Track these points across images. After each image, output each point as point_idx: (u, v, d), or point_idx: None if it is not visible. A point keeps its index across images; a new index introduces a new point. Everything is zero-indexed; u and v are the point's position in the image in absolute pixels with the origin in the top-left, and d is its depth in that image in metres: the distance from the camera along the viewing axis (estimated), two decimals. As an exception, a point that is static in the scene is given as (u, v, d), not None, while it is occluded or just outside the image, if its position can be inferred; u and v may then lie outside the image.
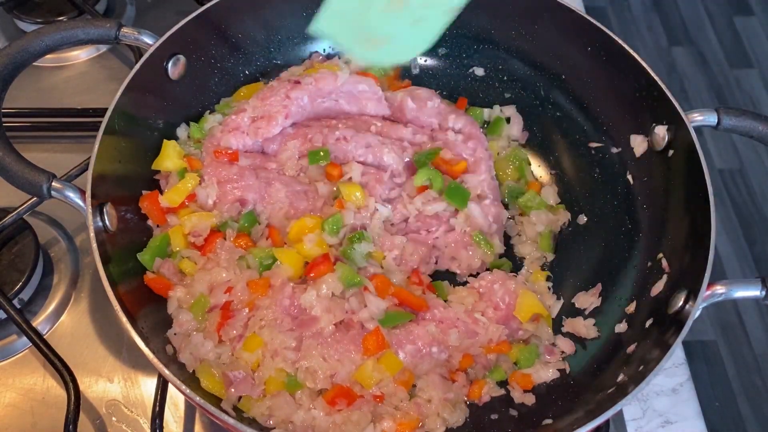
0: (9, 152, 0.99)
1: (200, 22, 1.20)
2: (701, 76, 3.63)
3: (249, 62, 1.31)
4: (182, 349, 1.01)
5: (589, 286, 1.17)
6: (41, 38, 1.07)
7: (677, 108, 1.11)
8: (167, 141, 1.18)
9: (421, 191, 1.20)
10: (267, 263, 1.09)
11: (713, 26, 3.82)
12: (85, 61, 1.52)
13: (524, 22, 1.32)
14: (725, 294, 0.97)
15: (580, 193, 1.27)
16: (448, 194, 1.18)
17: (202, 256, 1.10)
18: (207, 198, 1.14)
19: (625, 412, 1.15)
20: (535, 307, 1.11)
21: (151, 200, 1.13)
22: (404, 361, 1.04)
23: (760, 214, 3.18)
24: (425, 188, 1.20)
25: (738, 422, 2.65)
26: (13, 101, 1.29)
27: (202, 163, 1.18)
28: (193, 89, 1.25)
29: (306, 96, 1.22)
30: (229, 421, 0.88)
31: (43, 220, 1.28)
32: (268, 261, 1.09)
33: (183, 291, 1.07)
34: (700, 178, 1.05)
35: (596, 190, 1.26)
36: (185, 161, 1.17)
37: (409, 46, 1.10)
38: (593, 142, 1.27)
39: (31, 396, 1.12)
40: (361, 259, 1.11)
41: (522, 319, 1.10)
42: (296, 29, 1.33)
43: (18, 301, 1.17)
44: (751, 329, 2.87)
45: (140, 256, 1.08)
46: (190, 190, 1.14)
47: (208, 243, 1.11)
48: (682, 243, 1.08)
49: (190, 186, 1.14)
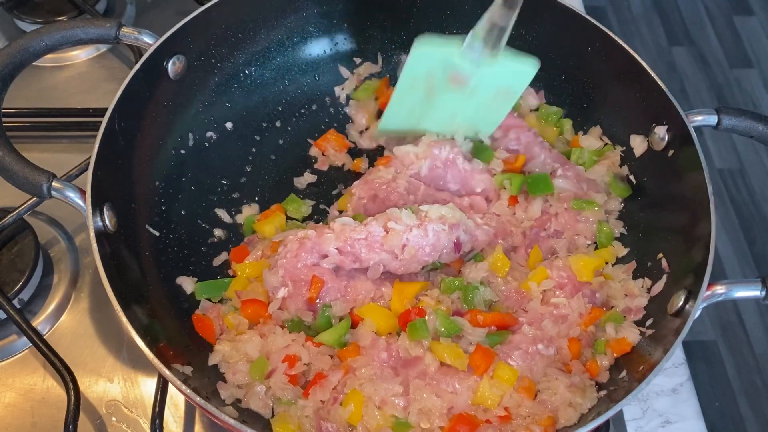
0: (9, 152, 0.99)
1: (200, 22, 1.19)
2: (701, 76, 3.63)
3: (249, 62, 1.31)
4: (249, 397, 1.01)
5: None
6: (41, 38, 1.07)
7: (677, 108, 1.11)
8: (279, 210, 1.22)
9: (513, 203, 1.20)
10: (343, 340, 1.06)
11: (713, 26, 3.82)
12: (85, 61, 1.52)
13: (524, 22, 1.31)
14: (725, 294, 0.97)
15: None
16: (532, 189, 1.19)
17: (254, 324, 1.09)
18: (275, 291, 1.09)
19: (625, 412, 1.15)
20: (591, 263, 1.12)
21: (202, 323, 1.11)
22: (518, 367, 1.02)
23: (760, 214, 3.18)
24: (515, 200, 1.20)
25: (738, 422, 2.65)
26: (13, 101, 1.29)
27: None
28: (193, 89, 1.25)
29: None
30: (230, 421, 0.88)
31: (43, 220, 1.28)
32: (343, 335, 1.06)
33: (229, 347, 1.05)
34: (700, 179, 1.05)
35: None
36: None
37: (474, 127, 1.23)
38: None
39: (31, 396, 1.12)
40: (481, 302, 1.09)
41: (588, 279, 1.11)
42: (296, 29, 1.33)
43: (18, 301, 1.16)
44: (751, 329, 2.87)
45: (197, 286, 1.13)
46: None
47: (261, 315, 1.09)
48: (682, 243, 1.08)
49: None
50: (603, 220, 1.19)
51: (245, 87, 1.32)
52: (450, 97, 1.18)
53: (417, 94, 1.18)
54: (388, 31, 1.37)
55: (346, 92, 1.38)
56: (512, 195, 1.20)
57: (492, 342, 1.04)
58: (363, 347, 1.04)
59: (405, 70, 1.16)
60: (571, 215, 1.18)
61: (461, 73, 1.14)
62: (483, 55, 1.11)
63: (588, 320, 1.08)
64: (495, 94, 1.18)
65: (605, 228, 1.18)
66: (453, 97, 1.18)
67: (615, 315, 1.09)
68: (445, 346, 1.02)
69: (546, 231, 1.18)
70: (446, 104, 1.19)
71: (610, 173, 1.23)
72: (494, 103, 1.20)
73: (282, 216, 1.22)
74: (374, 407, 0.98)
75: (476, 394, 0.99)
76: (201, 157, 1.27)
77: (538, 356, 1.04)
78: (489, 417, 0.98)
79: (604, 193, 1.21)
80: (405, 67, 1.16)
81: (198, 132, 1.27)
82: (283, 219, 1.21)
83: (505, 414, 0.98)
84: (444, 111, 1.20)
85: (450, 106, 1.19)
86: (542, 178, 1.19)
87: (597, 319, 1.08)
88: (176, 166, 1.23)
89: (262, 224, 1.20)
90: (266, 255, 1.15)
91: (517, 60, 1.15)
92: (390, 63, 1.39)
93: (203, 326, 1.09)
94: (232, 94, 1.31)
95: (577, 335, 1.07)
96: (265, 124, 1.33)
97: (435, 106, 1.20)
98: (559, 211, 1.18)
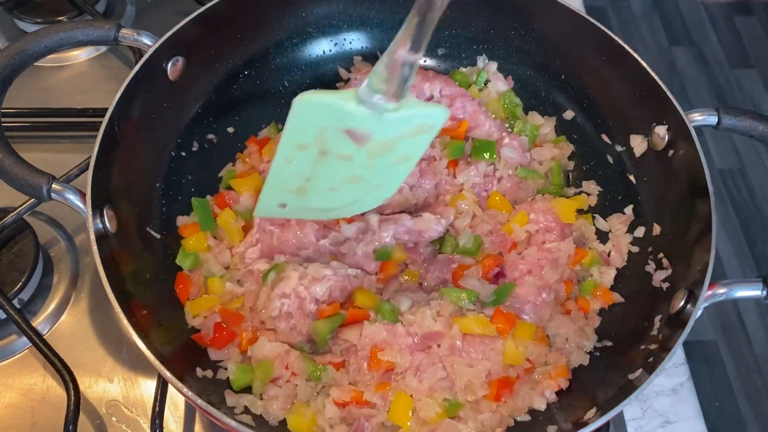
0: (9, 154, 0.98)
1: (200, 22, 1.19)
2: (701, 76, 3.63)
3: (248, 63, 1.31)
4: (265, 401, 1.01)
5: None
6: (40, 40, 1.07)
7: (677, 108, 1.11)
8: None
9: (454, 166, 1.24)
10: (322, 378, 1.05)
11: (713, 26, 3.82)
12: (85, 61, 1.52)
13: (524, 22, 1.31)
14: (726, 294, 0.97)
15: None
16: (476, 153, 1.22)
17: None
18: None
19: (625, 412, 1.15)
20: (573, 205, 1.19)
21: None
22: (532, 321, 1.09)
23: (760, 214, 3.18)
24: (456, 162, 1.23)
25: (738, 422, 2.65)
26: (13, 101, 1.29)
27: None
28: (193, 90, 1.25)
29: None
30: (230, 423, 0.88)
31: (43, 220, 1.28)
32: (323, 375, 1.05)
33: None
34: (701, 179, 1.05)
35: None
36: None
37: (369, 203, 1.08)
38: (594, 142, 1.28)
39: (31, 396, 1.12)
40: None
41: (572, 221, 1.18)
42: (296, 29, 1.33)
43: (18, 301, 1.17)
44: (752, 329, 2.87)
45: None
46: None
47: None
48: (682, 243, 1.08)
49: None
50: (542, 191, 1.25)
51: (245, 88, 1.32)
52: (344, 164, 0.95)
53: (303, 163, 0.94)
54: (388, 32, 1.37)
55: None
56: (450, 159, 1.24)
57: (500, 296, 1.10)
58: (384, 341, 1.04)
59: (285, 135, 0.91)
60: (514, 182, 1.23)
61: (359, 128, 0.89)
62: (386, 101, 0.86)
63: (575, 260, 1.16)
64: (401, 147, 0.94)
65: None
66: (348, 164, 0.95)
67: (595, 257, 1.17)
68: (472, 319, 1.05)
69: (487, 192, 1.23)
70: (342, 171, 0.96)
71: (556, 162, 1.27)
72: (397, 162, 0.98)
73: (259, 180, 1.22)
74: (426, 398, 1.00)
75: (505, 355, 1.04)
76: (201, 158, 1.26)
77: (544, 305, 1.10)
78: (518, 372, 1.05)
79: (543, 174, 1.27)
80: (285, 131, 0.91)
81: (198, 133, 1.27)
82: (260, 182, 1.21)
83: (530, 366, 1.06)
84: (338, 180, 0.98)
85: (346, 173, 0.97)
86: (488, 145, 1.23)
87: (582, 258, 1.17)
88: (176, 167, 1.23)
89: (239, 182, 1.21)
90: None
91: (424, 105, 0.99)
92: (390, 63, 1.39)
93: (184, 288, 1.11)
94: (232, 95, 1.30)
95: (567, 276, 1.15)
96: (264, 125, 1.33)
97: (327, 176, 0.97)
98: (503, 176, 1.23)
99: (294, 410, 1.00)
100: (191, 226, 1.18)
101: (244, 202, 1.20)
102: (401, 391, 1.01)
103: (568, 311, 1.13)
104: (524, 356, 1.05)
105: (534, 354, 1.06)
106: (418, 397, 1.01)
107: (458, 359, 1.03)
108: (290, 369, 1.03)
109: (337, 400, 1.01)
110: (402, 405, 1.00)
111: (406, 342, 1.04)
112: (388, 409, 1.00)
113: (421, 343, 1.04)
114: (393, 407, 1.00)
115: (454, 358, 1.03)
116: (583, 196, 1.25)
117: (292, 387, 1.03)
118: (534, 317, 1.10)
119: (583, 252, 1.17)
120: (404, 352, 1.03)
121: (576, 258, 1.16)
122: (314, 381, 1.04)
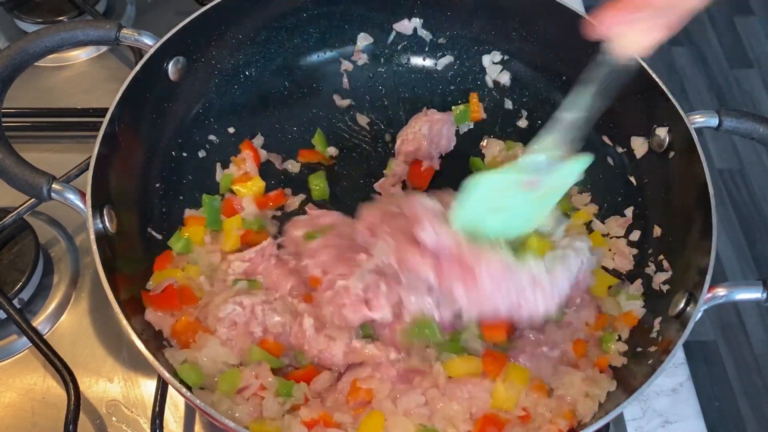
0: (9, 154, 0.98)
1: (200, 23, 1.19)
2: (701, 76, 3.63)
3: (249, 63, 1.31)
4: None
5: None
6: (41, 40, 1.07)
7: (678, 109, 1.11)
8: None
9: None
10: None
11: (713, 26, 3.81)
12: (85, 61, 1.51)
13: (524, 23, 1.31)
14: (726, 296, 0.97)
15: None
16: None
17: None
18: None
19: (625, 412, 1.15)
20: (607, 281, 1.13)
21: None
22: (528, 367, 1.02)
23: (761, 214, 3.18)
24: None
25: (738, 422, 2.65)
26: (13, 101, 1.29)
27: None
28: (194, 91, 1.25)
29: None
30: (229, 424, 0.88)
31: (43, 220, 1.28)
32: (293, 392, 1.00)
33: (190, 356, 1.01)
34: (702, 180, 1.05)
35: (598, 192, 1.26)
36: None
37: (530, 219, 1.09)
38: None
39: (31, 396, 1.12)
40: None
41: (602, 296, 1.11)
42: (297, 30, 1.33)
43: (18, 301, 1.16)
44: (751, 329, 2.87)
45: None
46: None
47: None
48: (683, 245, 1.08)
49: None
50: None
51: (246, 88, 1.31)
52: (518, 202, 1.04)
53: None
54: (388, 32, 1.37)
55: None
56: None
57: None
58: (368, 376, 1.01)
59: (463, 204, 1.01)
60: None
61: (532, 179, 1.01)
62: (555, 156, 0.99)
63: (595, 326, 1.09)
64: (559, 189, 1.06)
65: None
66: (521, 201, 1.04)
67: (619, 288, 1.12)
68: (458, 360, 1.00)
69: None
70: (515, 208, 1.05)
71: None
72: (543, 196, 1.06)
73: (261, 185, 1.23)
74: (400, 417, 0.96)
75: (494, 398, 0.98)
76: (201, 159, 1.27)
77: (544, 358, 1.04)
78: (510, 417, 0.98)
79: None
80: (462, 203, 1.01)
81: (198, 134, 1.27)
82: (262, 188, 1.23)
83: (525, 414, 0.98)
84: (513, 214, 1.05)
85: (519, 209, 1.05)
86: None
87: (604, 325, 1.09)
88: (177, 168, 1.23)
89: (242, 185, 1.22)
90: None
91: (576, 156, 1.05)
92: (391, 63, 1.39)
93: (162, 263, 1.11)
94: (233, 96, 1.30)
95: (583, 337, 1.08)
96: (265, 125, 1.33)
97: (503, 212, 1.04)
98: None
99: (259, 421, 0.95)
100: (197, 218, 1.18)
101: (247, 207, 1.20)
102: (375, 410, 0.96)
103: (578, 368, 1.04)
104: (516, 402, 0.98)
105: (529, 402, 0.98)
106: (391, 417, 0.96)
107: (440, 394, 0.98)
108: (260, 380, 0.98)
109: (305, 420, 0.95)
110: (373, 423, 0.95)
111: (390, 374, 1.01)
112: (358, 427, 0.95)
113: (405, 376, 1.01)
114: (363, 425, 0.95)
115: (434, 390, 0.98)
116: (586, 209, 1.23)
117: (259, 402, 0.97)
118: (530, 365, 1.02)
119: (603, 317, 1.10)
120: (385, 382, 1.00)
121: (598, 323, 1.09)
122: (283, 397, 0.98)
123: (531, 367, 1.02)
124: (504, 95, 1.37)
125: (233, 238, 1.15)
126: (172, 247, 1.14)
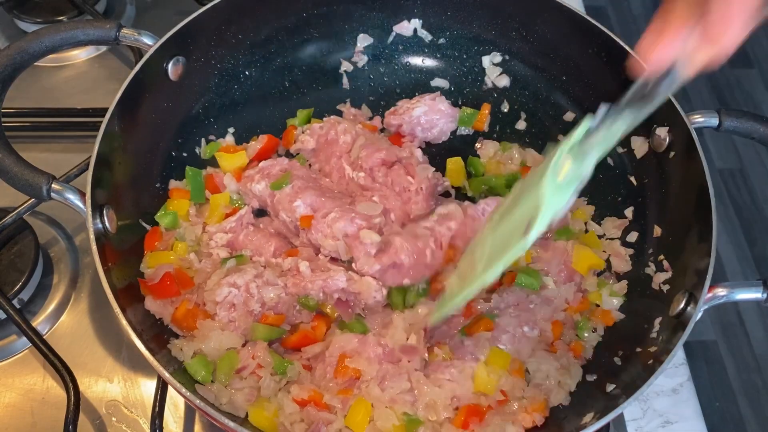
0: (9, 154, 0.98)
1: (200, 22, 1.19)
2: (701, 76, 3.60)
3: (249, 63, 1.31)
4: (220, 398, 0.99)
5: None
6: (41, 39, 1.07)
7: (678, 109, 1.11)
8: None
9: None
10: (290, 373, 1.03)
11: (713, 26, 3.81)
12: (85, 60, 1.52)
13: (524, 23, 1.31)
14: (726, 296, 0.97)
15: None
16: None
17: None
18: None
19: (625, 413, 1.15)
20: (591, 260, 1.15)
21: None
22: (507, 350, 1.06)
23: (761, 214, 3.18)
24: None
25: (738, 422, 2.65)
26: (13, 101, 1.29)
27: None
28: (193, 91, 1.25)
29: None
30: (229, 424, 0.88)
31: (43, 220, 1.28)
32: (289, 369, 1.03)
33: (186, 345, 1.03)
34: (702, 180, 1.05)
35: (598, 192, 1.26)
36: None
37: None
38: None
39: (31, 396, 1.12)
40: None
41: (583, 273, 1.14)
42: (297, 30, 1.33)
43: (18, 301, 1.16)
44: (752, 330, 2.87)
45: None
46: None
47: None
48: (683, 245, 1.08)
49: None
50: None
51: (246, 88, 1.32)
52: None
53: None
54: (388, 32, 1.37)
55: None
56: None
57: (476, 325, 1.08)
58: (354, 350, 1.03)
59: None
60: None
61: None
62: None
63: (576, 308, 1.12)
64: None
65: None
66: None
67: (602, 281, 1.14)
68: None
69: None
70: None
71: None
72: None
73: (244, 160, 1.24)
74: (385, 408, 0.99)
75: (476, 381, 1.02)
76: (201, 159, 1.26)
77: (524, 339, 1.07)
78: (490, 402, 1.02)
79: None
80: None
81: (198, 134, 1.27)
82: (245, 163, 1.24)
83: (503, 398, 1.02)
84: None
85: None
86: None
87: (585, 308, 1.12)
88: (177, 167, 1.23)
89: (225, 157, 1.24)
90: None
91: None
92: (391, 63, 1.39)
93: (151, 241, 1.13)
94: (233, 96, 1.30)
95: (561, 319, 1.11)
96: (265, 126, 1.33)
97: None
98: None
99: (257, 404, 0.99)
100: (181, 191, 1.20)
101: (228, 184, 1.22)
102: (362, 397, 0.99)
103: (553, 350, 1.09)
104: (497, 386, 1.02)
105: (508, 386, 1.03)
106: (378, 406, 0.99)
107: (425, 378, 1.01)
108: (256, 360, 1.01)
109: (296, 398, 0.99)
110: (361, 411, 0.98)
111: (376, 352, 1.03)
112: (346, 413, 0.98)
113: (392, 355, 1.03)
114: (351, 412, 0.98)
115: (419, 373, 1.02)
116: (584, 209, 1.24)
117: (256, 380, 1.01)
118: (511, 348, 1.06)
119: (586, 301, 1.13)
120: (372, 361, 1.02)
121: (579, 306, 1.13)
122: (279, 375, 1.02)
123: (511, 350, 1.06)
124: (503, 96, 1.37)
125: (219, 215, 1.18)
126: (160, 222, 1.15)
